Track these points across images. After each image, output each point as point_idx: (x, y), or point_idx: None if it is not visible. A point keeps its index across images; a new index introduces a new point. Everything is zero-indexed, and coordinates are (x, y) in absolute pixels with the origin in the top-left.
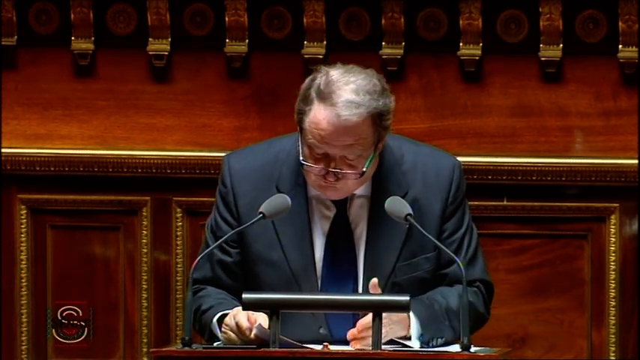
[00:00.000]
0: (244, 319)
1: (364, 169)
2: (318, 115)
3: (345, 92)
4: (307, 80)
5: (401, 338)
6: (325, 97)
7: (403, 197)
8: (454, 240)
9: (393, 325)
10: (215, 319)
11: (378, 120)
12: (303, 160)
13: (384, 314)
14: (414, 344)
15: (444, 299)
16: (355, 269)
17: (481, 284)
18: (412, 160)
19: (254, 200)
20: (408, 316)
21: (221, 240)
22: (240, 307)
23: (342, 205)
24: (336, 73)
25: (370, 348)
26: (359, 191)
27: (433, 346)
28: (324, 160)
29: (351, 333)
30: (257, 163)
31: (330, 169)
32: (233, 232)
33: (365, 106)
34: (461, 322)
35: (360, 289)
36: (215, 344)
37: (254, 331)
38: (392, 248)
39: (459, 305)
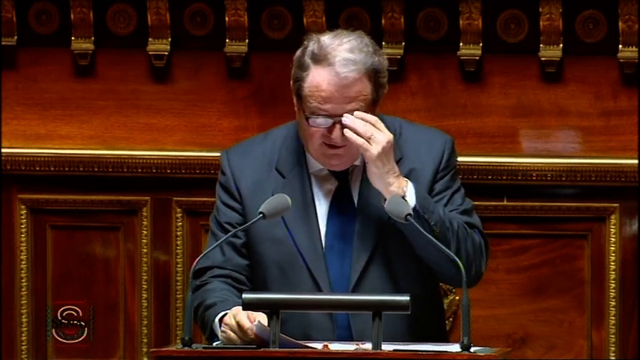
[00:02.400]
0: (245, 319)
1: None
2: (317, 77)
3: (340, 52)
4: (299, 50)
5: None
6: (321, 59)
7: (397, 163)
8: (444, 196)
9: (386, 164)
10: (217, 319)
11: (374, 76)
12: (307, 115)
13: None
14: (410, 201)
15: (439, 206)
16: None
17: (481, 238)
18: (406, 135)
19: (256, 183)
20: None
21: (227, 236)
22: (238, 307)
23: (344, 178)
24: (326, 38)
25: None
26: (357, 161)
27: (425, 219)
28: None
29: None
30: (256, 150)
31: (335, 119)
32: (236, 230)
33: (361, 63)
34: (461, 322)
35: (353, 258)
36: (215, 344)
37: (254, 329)
38: (383, 209)
39: (457, 224)
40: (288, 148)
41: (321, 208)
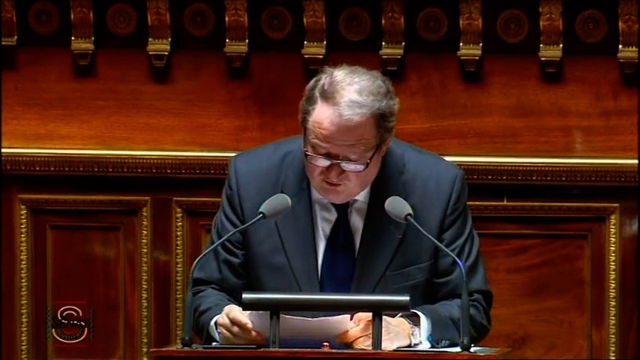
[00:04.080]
0: (240, 314)
1: (368, 161)
2: (321, 114)
3: (349, 92)
4: (312, 81)
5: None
6: (328, 96)
7: None
8: (453, 249)
9: (393, 335)
10: (213, 322)
11: (380, 121)
12: (307, 152)
13: (383, 326)
14: (424, 345)
15: (445, 310)
16: (353, 274)
17: (480, 295)
18: (413, 170)
19: (260, 204)
20: (416, 318)
21: (222, 240)
22: (231, 305)
23: (343, 210)
24: (340, 74)
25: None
26: (359, 197)
27: (442, 347)
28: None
29: (352, 335)
30: (263, 166)
31: (333, 161)
32: (233, 231)
33: (368, 107)
34: (461, 320)
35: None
36: (213, 344)
37: (250, 318)
38: (383, 257)
39: (460, 315)
40: (295, 170)
41: (321, 238)
